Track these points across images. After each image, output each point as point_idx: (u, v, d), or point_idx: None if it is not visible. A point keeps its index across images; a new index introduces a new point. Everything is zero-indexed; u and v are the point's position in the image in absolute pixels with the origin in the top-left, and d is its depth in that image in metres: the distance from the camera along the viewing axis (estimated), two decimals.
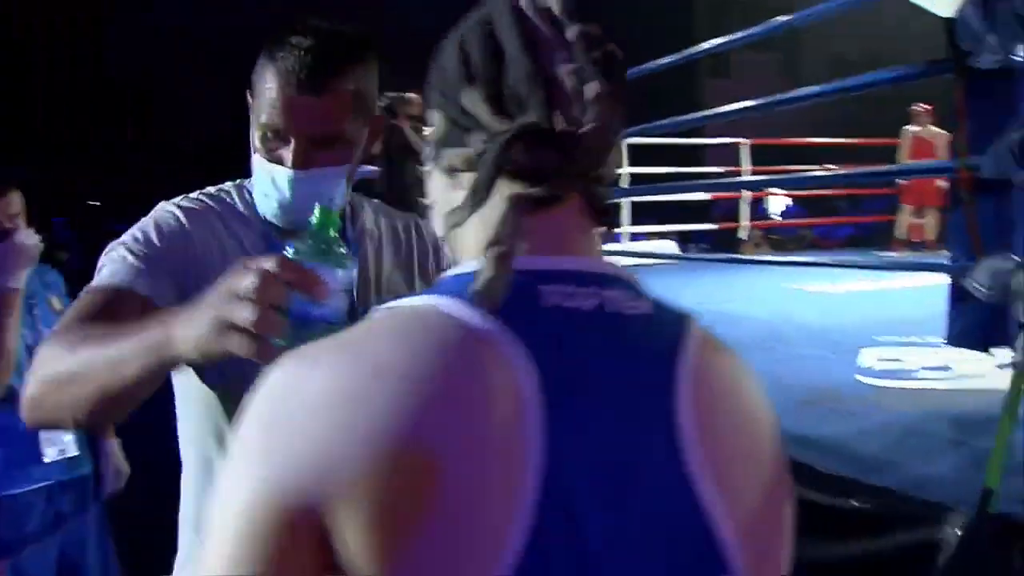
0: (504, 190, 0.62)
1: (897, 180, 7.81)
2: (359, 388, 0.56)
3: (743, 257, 7.02)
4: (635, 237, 8.26)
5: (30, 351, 2.19)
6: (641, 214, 8.23)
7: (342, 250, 0.87)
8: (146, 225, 1.11)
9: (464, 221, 0.66)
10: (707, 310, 4.94)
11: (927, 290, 5.43)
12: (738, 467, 0.63)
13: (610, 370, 0.61)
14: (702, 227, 9.06)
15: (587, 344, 0.61)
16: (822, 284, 5.83)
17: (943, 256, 7.14)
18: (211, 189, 1.20)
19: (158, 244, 1.08)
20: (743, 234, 8.60)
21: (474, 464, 0.55)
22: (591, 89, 0.61)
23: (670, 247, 8.59)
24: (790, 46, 15.43)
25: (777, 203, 10.83)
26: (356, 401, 0.56)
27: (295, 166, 1.06)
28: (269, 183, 1.09)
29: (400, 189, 6.33)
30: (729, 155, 13.53)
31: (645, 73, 3.66)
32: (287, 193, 1.07)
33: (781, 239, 9.74)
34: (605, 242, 0.71)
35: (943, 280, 5.63)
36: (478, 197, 0.64)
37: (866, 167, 8.67)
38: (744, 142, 8.48)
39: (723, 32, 3.66)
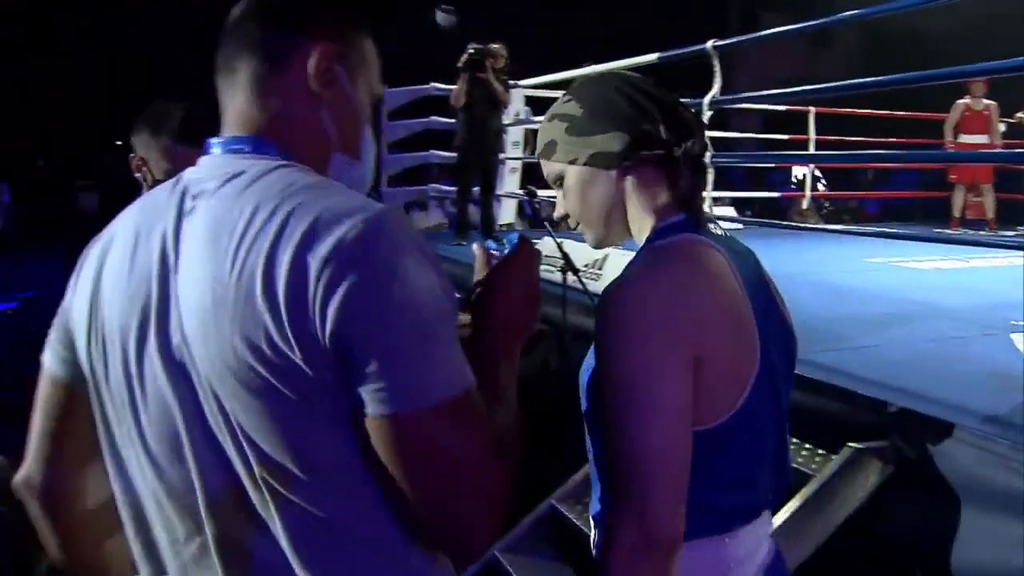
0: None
1: None
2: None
3: (857, 229, 6.79)
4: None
5: None
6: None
7: None
8: None
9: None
10: (812, 280, 4.93)
11: (1006, 271, 5.51)
12: None
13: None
14: (768, 195, 9.11)
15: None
16: (902, 259, 5.86)
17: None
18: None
19: None
20: (805, 204, 8.68)
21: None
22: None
23: (730, 213, 8.65)
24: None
25: (798, 172, 10.78)
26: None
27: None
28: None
29: (482, 137, 6.51)
30: (753, 121, 13.13)
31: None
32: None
33: (835, 210, 9.81)
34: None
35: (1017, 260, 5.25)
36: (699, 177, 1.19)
37: (922, 141, 8.70)
38: (811, 110, 8.46)
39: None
